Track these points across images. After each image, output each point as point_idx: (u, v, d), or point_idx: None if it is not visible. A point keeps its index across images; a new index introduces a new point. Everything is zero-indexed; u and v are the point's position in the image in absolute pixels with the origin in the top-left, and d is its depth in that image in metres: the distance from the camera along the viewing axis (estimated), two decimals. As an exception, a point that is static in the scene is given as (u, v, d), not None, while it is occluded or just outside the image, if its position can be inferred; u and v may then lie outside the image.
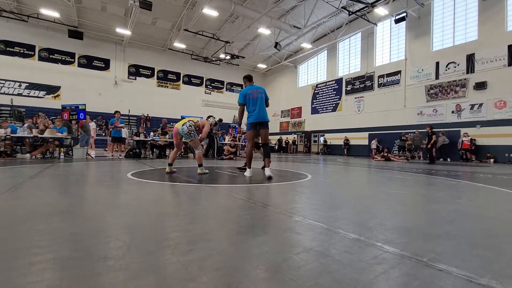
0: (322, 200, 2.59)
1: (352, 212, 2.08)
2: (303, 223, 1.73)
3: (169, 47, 21.57)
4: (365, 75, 18.47)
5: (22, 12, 16.44)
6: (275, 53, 22.52)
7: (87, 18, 18.01)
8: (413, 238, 1.49)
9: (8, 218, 1.71)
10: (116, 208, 2.07)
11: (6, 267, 1.03)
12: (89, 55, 19.78)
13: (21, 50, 17.63)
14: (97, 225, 1.59)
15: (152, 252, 1.20)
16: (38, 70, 18.01)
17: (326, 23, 18.74)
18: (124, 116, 15.92)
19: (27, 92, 17.76)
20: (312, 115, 22.92)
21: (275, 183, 3.62)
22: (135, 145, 9.84)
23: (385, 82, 17.28)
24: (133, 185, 3.22)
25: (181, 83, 23.89)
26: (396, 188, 3.41)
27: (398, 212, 2.11)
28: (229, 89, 26.71)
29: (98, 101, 18.98)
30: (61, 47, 18.71)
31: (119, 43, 20.79)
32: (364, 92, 18.58)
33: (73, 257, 1.14)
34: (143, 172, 4.66)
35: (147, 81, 22.22)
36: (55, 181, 3.43)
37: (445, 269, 1.11)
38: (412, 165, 9.02)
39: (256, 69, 27.04)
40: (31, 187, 2.90)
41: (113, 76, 20.71)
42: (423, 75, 15.34)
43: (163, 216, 1.84)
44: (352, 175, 5.34)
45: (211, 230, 1.55)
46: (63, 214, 1.82)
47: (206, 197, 2.58)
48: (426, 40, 15.29)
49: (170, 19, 18.49)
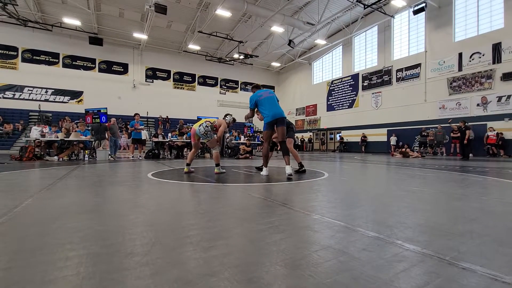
0: (340, 198, 2.57)
1: (370, 210, 2.05)
2: (321, 221, 1.73)
3: (184, 49, 21.97)
4: (382, 69, 17.96)
5: (46, 21, 17.31)
6: (288, 50, 22.37)
7: (106, 25, 18.70)
8: (435, 236, 1.46)
9: (42, 216, 1.84)
10: (139, 207, 2.16)
11: (44, 261, 1.12)
12: (108, 60, 20.55)
13: (47, 58, 18.60)
14: (122, 223, 1.68)
15: (175, 248, 1.26)
16: (62, 77, 18.93)
17: (341, 18, 18.38)
18: (143, 118, 16.42)
19: (53, 97, 18.73)
20: (327, 112, 22.59)
21: (292, 181, 3.62)
22: (154, 146, 10.13)
23: (404, 76, 16.72)
24: (153, 184, 3.33)
25: (196, 84, 24.28)
26: (416, 186, 3.32)
27: (419, 210, 2.06)
28: (244, 88, 26.82)
29: (118, 104, 19.68)
30: (82, 54, 19.57)
31: (137, 48, 21.42)
32: (381, 87, 18.08)
33: (103, 253, 1.21)
34: (162, 172, 4.81)
35: (163, 83, 22.77)
36: (81, 182, 3.62)
37: (469, 267, 1.09)
38: (434, 161, 8.69)
39: (270, 67, 26.99)
40: (60, 187, 3.08)
41: (132, 79, 21.39)
42: (445, 67, 14.70)
43: (183, 215, 1.90)
44: (370, 172, 5.23)
45: (230, 228, 1.59)
46: (91, 212, 1.93)
47: (224, 196, 2.63)
48: (447, 31, 14.64)
49: (185, 22, 18.83)
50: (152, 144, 10.48)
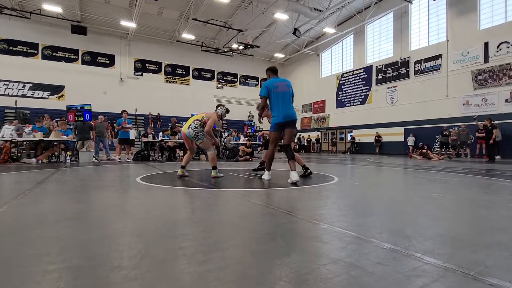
0: (351, 205, 2.56)
1: (386, 219, 2.05)
2: (330, 231, 1.73)
3: (177, 39, 22.03)
4: (399, 61, 17.95)
5: (24, 8, 17.40)
6: (293, 40, 22.39)
7: (90, 12, 18.76)
8: (458, 248, 1.46)
9: (18, 225, 1.84)
10: (126, 214, 2.16)
11: (20, 274, 1.12)
12: (93, 51, 20.62)
13: (24, 49, 18.68)
14: (107, 233, 1.68)
15: (166, 261, 1.26)
16: (41, 70, 19.01)
17: (352, 3, 18.37)
18: (131, 116, 16.45)
19: (31, 93, 18.80)
20: (337, 109, 22.59)
21: (297, 186, 3.61)
22: (143, 147, 10.15)
23: (423, 68, 16.70)
24: (142, 190, 3.34)
25: (190, 77, 24.34)
26: (437, 191, 3.31)
27: (440, 219, 2.05)
28: (243, 82, 26.88)
29: (103, 100, 19.73)
30: (64, 44, 19.65)
31: (124, 37, 21.50)
32: (398, 81, 18.06)
33: (86, 266, 1.21)
34: (152, 176, 4.81)
35: (154, 77, 22.84)
36: (62, 186, 3.63)
37: (496, 284, 1.08)
38: (457, 164, 8.67)
39: (273, 59, 27.02)
40: (39, 193, 3.08)
41: (118, 72, 21.47)
42: (469, 59, 14.67)
43: (176, 223, 1.90)
44: (385, 176, 5.22)
45: (227, 239, 1.58)
46: (73, 220, 1.94)
47: (222, 203, 2.63)
48: (471, 17, 14.61)
49: (178, 8, 18.88)
50: (141, 145, 10.51)
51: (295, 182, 3.78)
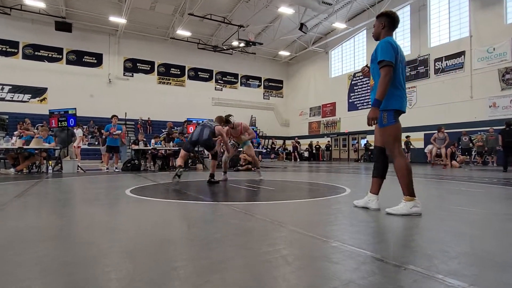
0: (365, 220, 2.55)
1: (403, 236, 2.03)
2: (341, 249, 1.72)
3: (171, 36, 22.25)
4: (417, 59, 18.00)
5: (3, 4, 17.71)
6: (300, 36, 22.56)
7: (76, 7, 19.03)
8: (485, 268, 1.44)
9: (-5, 244, 1.85)
10: (114, 232, 2.16)
11: (-4, 301, 1.12)
12: (78, 49, 20.87)
13: (3, 47, 18.94)
14: (93, 253, 1.68)
15: (158, 284, 1.25)
16: (22, 70, 19.23)
17: (364, -4, 18.54)
18: (120, 121, 16.54)
19: (10, 96, 19.00)
20: (349, 112, 22.59)
21: (305, 199, 3.61)
22: (134, 155, 10.18)
23: (444, 66, 16.72)
24: (132, 204, 3.34)
25: (186, 78, 24.52)
26: (462, 204, 3.28)
27: (465, 235, 2.04)
28: (245, 83, 27.01)
29: (89, 103, 19.86)
30: (47, 42, 19.90)
31: (113, 34, 21.76)
32: (416, 81, 18.09)
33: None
34: (144, 188, 4.81)
35: (146, 77, 23.03)
36: (43, 200, 3.64)
37: (529, 309, 1.07)
38: (484, 173, 8.61)
39: (277, 57, 27.20)
40: (17, 207, 3.09)
41: (107, 73, 21.67)
42: (495, 56, 14.68)
43: (169, 241, 1.90)
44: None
45: (227, 258, 1.58)
46: (54, 239, 1.94)
47: (220, 218, 2.62)
48: (497, 11, 14.67)
49: (172, 2, 19.12)
50: (131, 153, 10.53)
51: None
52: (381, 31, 2.89)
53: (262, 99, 27.86)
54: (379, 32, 2.91)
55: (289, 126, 28.83)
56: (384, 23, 2.88)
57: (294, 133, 27.04)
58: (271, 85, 28.39)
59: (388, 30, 2.89)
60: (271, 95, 28.42)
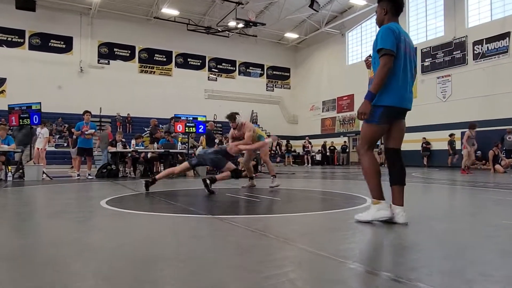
0: (389, 236, 2.54)
1: (438, 256, 2.02)
2: (359, 271, 1.71)
3: (155, 16, 22.22)
4: (452, 41, 17.97)
5: (-46, -22, 17.75)
6: (311, 15, 22.54)
7: (41, -19, 19.07)
8: (536, 295, 1.44)
9: None
10: (88, 251, 2.16)
11: None
12: (44, 32, 20.94)
13: (-46, 30, 19.00)
14: (62, 276, 1.68)
15: (140, 314, 1.26)
16: (-24, 57, 19.29)
17: (388, -34, 18.53)
18: (95, 118, 16.57)
19: (-38, 88, 19.05)
20: (370, 106, 22.54)
21: (317, 211, 3.60)
22: (110, 159, 10.18)
23: (485, 51, 16.68)
24: (109, 217, 3.34)
25: (173, 66, 24.54)
26: (508, 218, 3.27)
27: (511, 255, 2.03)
28: (244, 72, 27.00)
29: (57, 97, 19.93)
30: (6, 24, 19.97)
31: (86, 14, 21.80)
32: (452, 68, 18.05)
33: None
34: (123, 198, 4.81)
35: (125, 65, 23.08)
36: (0, 213, 3.64)
37: None
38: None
39: (283, 40, 27.18)
40: (-28, 222, 3.10)
41: (78, 60, 21.72)
42: (547, 38, 14.65)
43: (155, 263, 1.90)
44: (435, 196, 5.17)
45: (223, 283, 1.58)
46: (14, 260, 1.93)
47: (216, 234, 2.62)
48: (549, -17, 14.64)
49: (156, -25, 19.12)
50: (107, 157, 10.54)
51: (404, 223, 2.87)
52: (384, 17, 3.04)
53: (265, 91, 27.86)
54: (382, 18, 3.06)
55: (298, 123, 28.81)
56: (386, 8, 3.04)
57: (303, 132, 26.94)
58: (275, 74, 28.37)
59: (392, 16, 3.03)
60: (276, 86, 28.39)
